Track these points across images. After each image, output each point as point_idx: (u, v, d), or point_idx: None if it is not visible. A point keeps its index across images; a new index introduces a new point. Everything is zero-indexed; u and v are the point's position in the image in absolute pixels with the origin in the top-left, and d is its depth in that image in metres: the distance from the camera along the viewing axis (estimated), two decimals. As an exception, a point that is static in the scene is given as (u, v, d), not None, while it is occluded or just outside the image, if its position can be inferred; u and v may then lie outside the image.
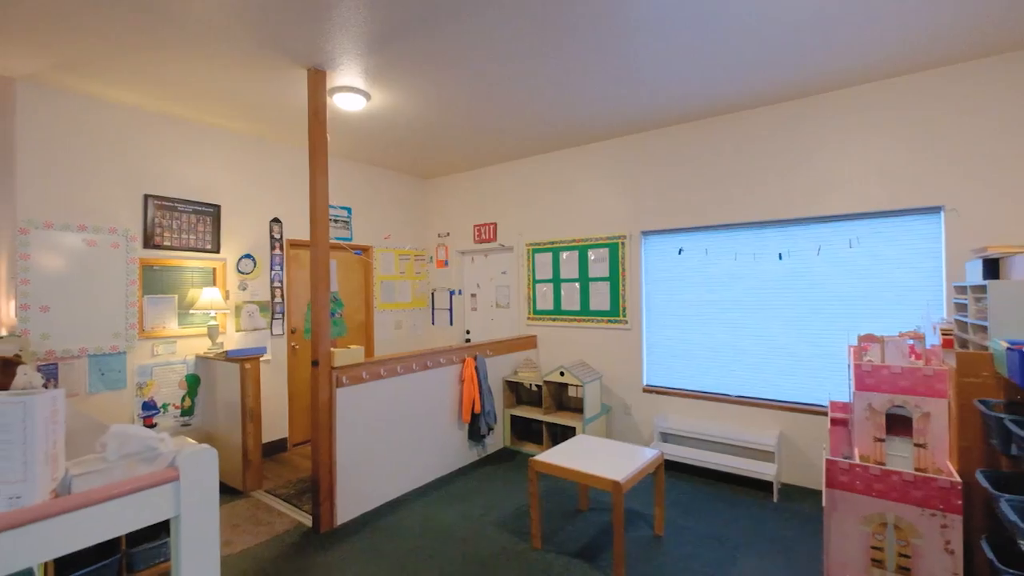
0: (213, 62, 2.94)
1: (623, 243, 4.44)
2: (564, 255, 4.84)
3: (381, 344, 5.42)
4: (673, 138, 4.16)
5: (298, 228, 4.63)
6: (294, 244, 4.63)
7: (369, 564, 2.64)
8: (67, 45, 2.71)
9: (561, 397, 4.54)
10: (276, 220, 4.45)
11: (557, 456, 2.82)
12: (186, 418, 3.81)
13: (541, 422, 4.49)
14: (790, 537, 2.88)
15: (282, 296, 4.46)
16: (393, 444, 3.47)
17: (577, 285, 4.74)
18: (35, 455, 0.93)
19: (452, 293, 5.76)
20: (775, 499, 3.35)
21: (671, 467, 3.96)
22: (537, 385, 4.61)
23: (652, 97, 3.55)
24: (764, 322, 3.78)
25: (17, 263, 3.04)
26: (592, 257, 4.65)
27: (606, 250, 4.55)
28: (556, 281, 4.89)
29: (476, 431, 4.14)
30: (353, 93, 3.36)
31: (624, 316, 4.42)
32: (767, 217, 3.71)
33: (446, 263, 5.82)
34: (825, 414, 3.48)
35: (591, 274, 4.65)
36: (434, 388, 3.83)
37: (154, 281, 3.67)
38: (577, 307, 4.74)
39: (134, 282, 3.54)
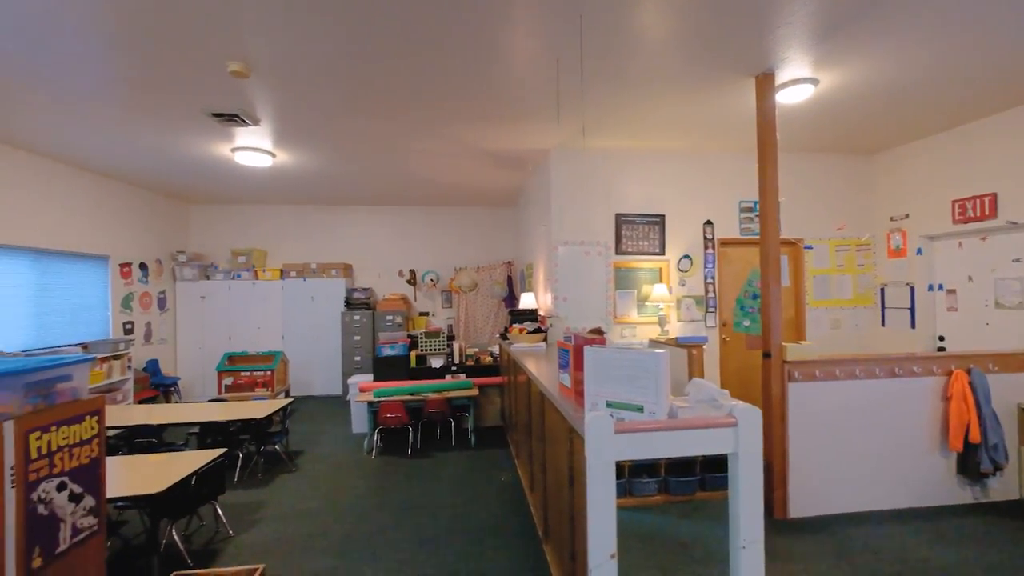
0: (666, 99, 3.56)
1: None
2: None
3: (814, 344, 4.99)
4: None
5: (727, 228, 4.91)
6: (724, 243, 4.93)
7: (844, 571, 2.55)
8: (578, 121, 3.93)
9: None
10: (708, 222, 4.88)
11: None
12: (642, 389, 4.77)
13: (1104, 480, 3.01)
14: None
15: (714, 291, 4.85)
16: (851, 452, 3.18)
17: None
18: (662, 388, 1.49)
19: (927, 288, 4.62)
20: None
21: None
22: (1093, 424, 3.12)
23: None
24: None
25: (552, 269, 4.66)
26: None
27: None
28: None
29: (972, 466, 3.22)
30: (800, 84, 3.30)
31: None
32: None
33: (919, 251, 4.71)
34: None
35: None
36: (902, 400, 3.25)
37: (621, 279, 4.77)
38: None
39: (610, 280, 4.72)
